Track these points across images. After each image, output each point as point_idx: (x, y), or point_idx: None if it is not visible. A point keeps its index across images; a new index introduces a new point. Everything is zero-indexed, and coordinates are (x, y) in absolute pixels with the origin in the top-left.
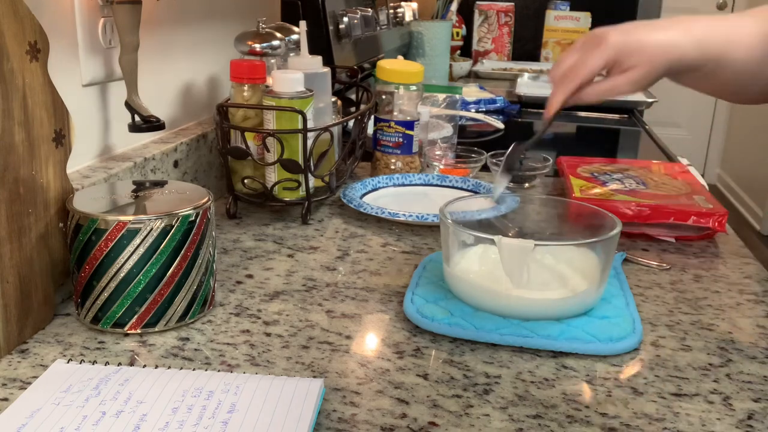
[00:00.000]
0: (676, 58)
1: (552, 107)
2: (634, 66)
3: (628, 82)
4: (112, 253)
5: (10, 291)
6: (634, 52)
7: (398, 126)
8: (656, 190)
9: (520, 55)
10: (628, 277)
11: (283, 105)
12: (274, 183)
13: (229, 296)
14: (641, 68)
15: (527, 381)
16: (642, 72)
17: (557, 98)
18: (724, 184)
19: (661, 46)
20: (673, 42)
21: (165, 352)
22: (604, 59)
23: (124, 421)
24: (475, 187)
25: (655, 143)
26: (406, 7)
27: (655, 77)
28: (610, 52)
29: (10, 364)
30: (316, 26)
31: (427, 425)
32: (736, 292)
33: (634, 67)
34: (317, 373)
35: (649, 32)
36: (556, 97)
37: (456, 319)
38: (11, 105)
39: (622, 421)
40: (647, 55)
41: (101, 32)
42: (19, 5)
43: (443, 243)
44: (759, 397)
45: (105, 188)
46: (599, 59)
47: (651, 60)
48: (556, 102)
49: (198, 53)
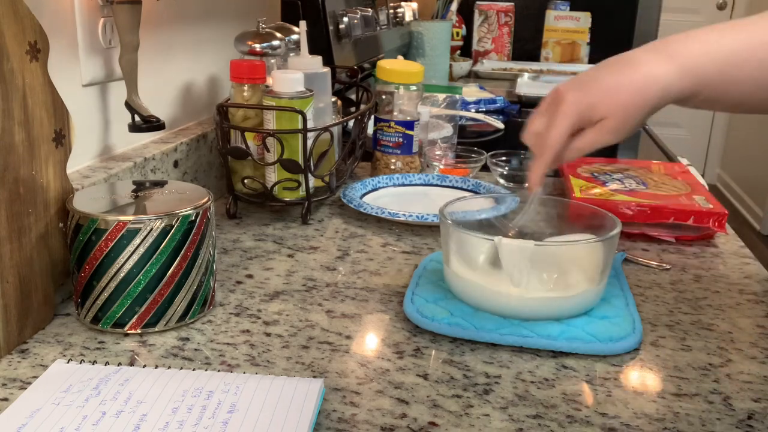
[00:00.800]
0: (657, 94)
1: (534, 182)
2: (606, 116)
3: (604, 134)
4: (112, 253)
5: (10, 291)
6: (599, 104)
7: (398, 126)
8: (656, 190)
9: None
10: (628, 277)
11: (283, 105)
12: (274, 183)
13: (229, 296)
14: (614, 117)
15: (527, 381)
16: (617, 120)
17: (536, 172)
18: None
19: (630, 87)
20: (648, 78)
21: (165, 352)
22: (568, 122)
23: (124, 421)
24: (475, 187)
25: (655, 143)
26: (406, 7)
27: (637, 118)
28: (571, 114)
29: (10, 364)
30: (316, 26)
31: (427, 425)
32: (736, 292)
33: (607, 118)
34: (317, 373)
35: (613, 76)
36: (535, 171)
37: (456, 319)
38: (11, 105)
39: (622, 421)
40: (615, 102)
41: (101, 32)
42: (19, 5)
43: (443, 243)
44: (759, 397)
45: (105, 188)
46: (563, 124)
47: (622, 105)
48: (536, 176)
49: (198, 53)
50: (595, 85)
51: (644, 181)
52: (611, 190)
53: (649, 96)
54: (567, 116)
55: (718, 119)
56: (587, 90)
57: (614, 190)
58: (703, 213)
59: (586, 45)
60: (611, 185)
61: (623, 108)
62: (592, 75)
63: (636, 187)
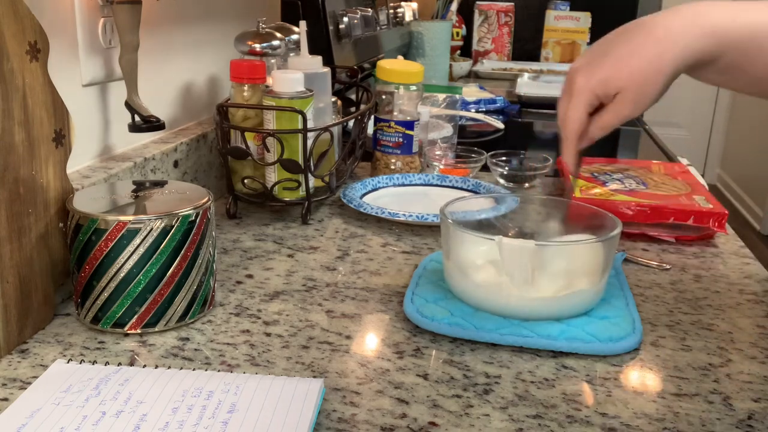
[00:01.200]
0: (676, 55)
1: (568, 167)
2: (621, 89)
3: (623, 107)
4: (112, 253)
5: (10, 291)
6: (611, 77)
7: (398, 126)
8: (656, 190)
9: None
10: (628, 277)
11: (283, 105)
12: (274, 183)
13: (229, 296)
14: (630, 89)
15: (527, 381)
16: (634, 91)
17: (566, 157)
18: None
19: (643, 53)
20: (664, 40)
21: (165, 352)
22: (582, 102)
23: (124, 421)
24: (475, 187)
25: (655, 143)
26: (406, 7)
27: (657, 85)
28: (583, 92)
29: (10, 364)
30: (316, 26)
31: (427, 425)
32: (736, 292)
33: (622, 90)
34: (317, 373)
35: (623, 44)
36: (565, 155)
37: (456, 319)
38: (11, 105)
39: (622, 421)
40: (629, 72)
41: (101, 32)
42: (19, 5)
43: (443, 243)
44: (759, 397)
45: (105, 188)
46: (577, 105)
47: (637, 73)
48: (568, 160)
49: (198, 53)
50: (605, 58)
51: (644, 181)
52: (611, 190)
53: (667, 59)
54: (580, 96)
55: (718, 119)
56: (597, 64)
57: (614, 190)
58: (703, 213)
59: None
60: (611, 185)
61: (639, 76)
62: (603, 46)
63: (636, 187)
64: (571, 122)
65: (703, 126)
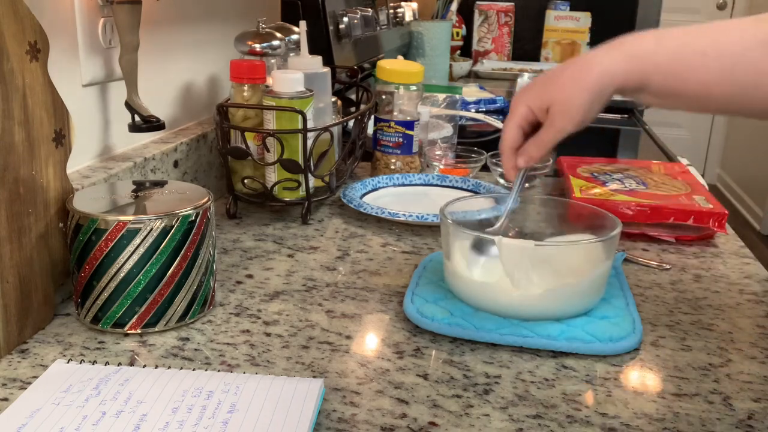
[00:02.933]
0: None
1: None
2: (550, 104)
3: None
4: (112, 253)
5: (10, 291)
6: (540, 95)
7: (398, 126)
8: (656, 190)
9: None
10: (628, 277)
11: (283, 105)
12: (274, 183)
13: (229, 296)
14: (557, 102)
15: (527, 381)
16: (561, 105)
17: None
18: (724, 184)
19: (567, 73)
20: (589, 63)
21: (165, 352)
22: (515, 120)
23: (124, 421)
24: (475, 187)
25: (655, 143)
26: (406, 7)
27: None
28: (516, 112)
29: (10, 364)
30: (316, 26)
31: (427, 425)
32: (736, 292)
33: (551, 105)
34: (317, 373)
35: (554, 71)
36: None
37: (456, 319)
38: (11, 105)
39: (622, 421)
40: (555, 88)
41: (101, 32)
42: (19, 5)
43: (443, 243)
44: (759, 397)
45: (105, 188)
46: (511, 123)
47: (561, 87)
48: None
49: (198, 53)
50: (537, 81)
51: (644, 181)
52: (611, 190)
53: (589, 78)
54: (513, 113)
55: (718, 119)
56: (529, 87)
57: (614, 190)
58: (703, 213)
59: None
60: (611, 185)
61: (563, 91)
62: (541, 75)
63: (636, 187)
64: (503, 137)
65: (703, 126)
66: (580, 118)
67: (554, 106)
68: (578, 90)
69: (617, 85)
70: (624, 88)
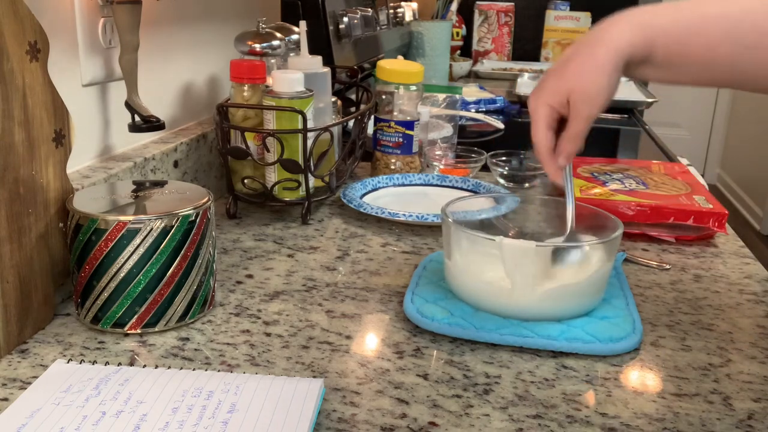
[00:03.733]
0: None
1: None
2: (569, 93)
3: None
4: (112, 253)
5: (10, 291)
6: (557, 86)
7: (398, 126)
8: (656, 190)
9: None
10: (628, 277)
11: (283, 105)
12: (274, 183)
13: (229, 296)
14: (575, 90)
15: (527, 381)
16: (580, 91)
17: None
18: (724, 184)
19: (577, 56)
20: (597, 40)
21: (165, 352)
22: (542, 122)
23: (124, 421)
24: (475, 187)
25: (655, 143)
26: (406, 7)
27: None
28: (540, 113)
29: (10, 364)
30: (316, 26)
31: (427, 425)
32: (736, 292)
33: (571, 93)
34: (317, 373)
35: (564, 57)
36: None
37: (456, 319)
38: (11, 105)
39: (622, 421)
40: (569, 75)
41: (101, 32)
42: (19, 5)
43: (444, 243)
44: (759, 397)
45: (105, 188)
46: (536, 124)
47: (576, 73)
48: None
49: (198, 53)
50: (548, 77)
51: (644, 181)
52: (611, 190)
53: (600, 54)
54: (536, 115)
55: (718, 119)
56: (542, 85)
57: (614, 190)
58: (703, 213)
59: None
60: (611, 185)
61: (579, 75)
62: (549, 69)
63: (636, 187)
64: (537, 143)
65: (703, 126)
66: (602, 100)
67: (574, 95)
68: (594, 73)
69: (627, 56)
70: (632, 59)
